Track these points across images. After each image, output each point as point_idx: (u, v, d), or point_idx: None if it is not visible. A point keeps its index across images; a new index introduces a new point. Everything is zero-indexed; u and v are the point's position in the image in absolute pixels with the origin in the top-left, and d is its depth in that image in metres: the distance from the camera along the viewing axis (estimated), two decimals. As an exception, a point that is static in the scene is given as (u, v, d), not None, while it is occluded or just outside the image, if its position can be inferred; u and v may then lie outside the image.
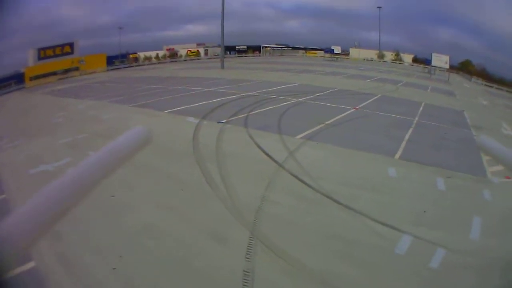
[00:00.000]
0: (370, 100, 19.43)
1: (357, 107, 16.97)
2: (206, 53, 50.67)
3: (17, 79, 28.89)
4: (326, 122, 13.62)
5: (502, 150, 1.22)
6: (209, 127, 12.39)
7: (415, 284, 5.15)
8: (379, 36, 54.89)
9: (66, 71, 33.19)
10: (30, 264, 5.09)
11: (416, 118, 15.96)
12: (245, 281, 4.98)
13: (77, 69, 34.48)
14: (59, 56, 33.71)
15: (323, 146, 10.91)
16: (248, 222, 6.46)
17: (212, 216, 6.72)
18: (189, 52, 49.31)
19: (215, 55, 46.21)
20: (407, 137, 12.61)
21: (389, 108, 17.51)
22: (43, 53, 32.77)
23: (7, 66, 28.20)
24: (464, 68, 46.38)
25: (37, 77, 30.26)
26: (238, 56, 50.55)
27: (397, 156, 10.50)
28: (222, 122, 12.86)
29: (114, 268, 5.20)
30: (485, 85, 39.19)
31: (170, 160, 9.45)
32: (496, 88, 37.36)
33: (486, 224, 6.85)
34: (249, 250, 5.67)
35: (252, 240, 5.93)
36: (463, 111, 19.58)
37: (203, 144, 10.48)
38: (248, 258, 5.47)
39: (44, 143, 11.80)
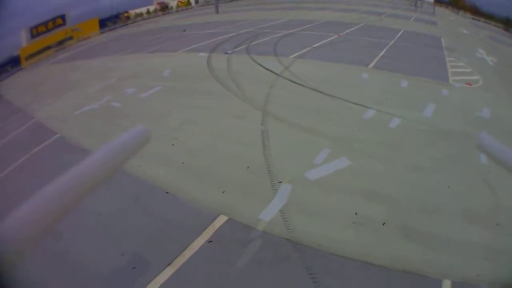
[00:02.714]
0: (353, 29, 21.63)
1: (340, 34, 19.34)
2: (196, 1, 50.80)
3: (13, 63, 28.12)
4: (313, 46, 16.25)
5: (502, 150, 1.22)
6: (218, 57, 14.91)
7: (377, 134, 8.06)
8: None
9: (60, 42, 32.17)
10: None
11: (393, 41, 18.33)
12: (263, 135, 8.03)
13: (71, 38, 33.72)
14: (52, 30, 32.52)
15: (311, 61, 13.73)
16: (260, 106, 9.46)
17: (234, 107, 9.66)
18: (179, 3, 49.10)
19: (206, 3, 46.76)
20: (381, 54, 15.23)
21: (368, 33, 19.86)
22: (36, 31, 31.63)
23: (1, 52, 27.28)
24: (454, 3, 46.14)
25: (32, 55, 29.60)
26: (230, 1, 50.94)
27: (370, 66, 13.27)
28: (228, 53, 15.40)
29: (173, 144, 8.02)
30: (472, 18, 38.87)
31: (194, 81, 12.11)
32: (483, 21, 36.92)
33: (439, 108, 9.52)
34: (263, 120, 8.68)
35: (264, 116, 8.92)
36: (441, 37, 21.49)
37: (217, 68, 13.12)
38: (262, 124, 8.49)
39: (77, 94, 12.50)
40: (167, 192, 6.28)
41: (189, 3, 49.23)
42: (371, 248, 4.79)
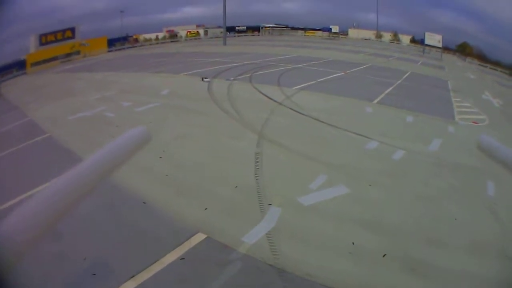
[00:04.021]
0: (360, 68, 21.72)
1: (346, 72, 19.32)
2: (205, 33, 51.63)
3: (18, 66, 28.29)
4: (318, 80, 16.07)
5: (502, 150, 1.21)
6: (219, 83, 14.76)
7: (379, 164, 7.53)
8: (377, 17, 55.95)
9: (68, 55, 32.99)
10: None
11: (399, 81, 18.22)
12: (257, 156, 7.52)
13: (78, 53, 34.11)
14: (61, 41, 33.37)
15: (314, 93, 13.47)
16: (256, 130, 9.01)
17: (231, 129, 9.25)
18: (188, 33, 50.08)
19: (215, 36, 47.70)
20: (387, 91, 15.02)
21: (375, 73, 19.87)
22: (44, 39, 32.35)
23: (8, 54, 27.58)
24: (461, 50, 46.80)
25: (39, 63, 30.07)
26: (238, 36, 51.98)
27: (375, 101, 12.93)
28: (230, 80, 15.22)
29: (160, 157, 7.49)
30: (479, 65, 39.06)
31: (191, 101, 11.85)
32: (490, 68, 37.03)
33: (445, 143, 9.09)
34: (258, 143, 8.21)
35: (260, 139, 8.45)
36: (447, 80, 21.48)
37: (217, 93, 12.88)
38: (257, 147, 8.00)
39: (75, 101, 12.65)
40: (144, 202, 5.73)
41: (198, 34, 50.27)
42: (369, 281, 4.14)
